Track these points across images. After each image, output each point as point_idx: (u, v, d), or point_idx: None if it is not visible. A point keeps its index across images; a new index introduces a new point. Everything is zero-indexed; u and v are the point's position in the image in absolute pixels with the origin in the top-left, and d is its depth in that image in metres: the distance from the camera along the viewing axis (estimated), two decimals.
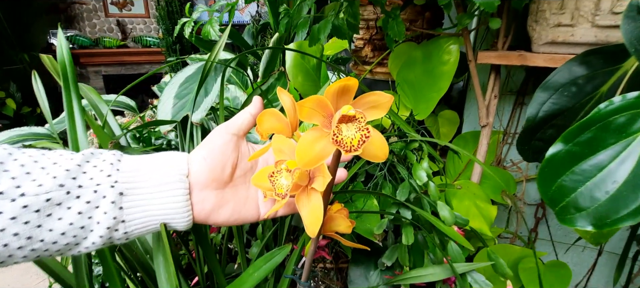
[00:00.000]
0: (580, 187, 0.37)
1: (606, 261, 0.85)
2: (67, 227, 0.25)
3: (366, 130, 0.23)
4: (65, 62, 0.43)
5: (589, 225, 0.36)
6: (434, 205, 0.51)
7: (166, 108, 0.61)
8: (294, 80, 0.75)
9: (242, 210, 0.33)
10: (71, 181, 0.26)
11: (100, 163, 0.28)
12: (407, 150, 0.54)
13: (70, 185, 0.25)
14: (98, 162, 0.28)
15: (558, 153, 0.38)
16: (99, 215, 0.26)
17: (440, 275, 0.49)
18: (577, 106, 0.49)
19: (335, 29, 0.63)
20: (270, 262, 0.36)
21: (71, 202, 0.25)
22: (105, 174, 0.27)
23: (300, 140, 0.24)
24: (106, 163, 0.28)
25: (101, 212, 0.26)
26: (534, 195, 0.84)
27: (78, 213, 0.25)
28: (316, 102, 0.23)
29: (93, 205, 0.26)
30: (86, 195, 0.26)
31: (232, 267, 0.76)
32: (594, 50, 0.47)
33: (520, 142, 0.56)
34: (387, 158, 0.38)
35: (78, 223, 0.26)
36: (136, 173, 0.28)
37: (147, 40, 3.56)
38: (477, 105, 0.82)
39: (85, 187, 0.26)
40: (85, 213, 0.26)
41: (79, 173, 0.26)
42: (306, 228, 0.26)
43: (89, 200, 0.26)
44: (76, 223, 0.25)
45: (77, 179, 0.26)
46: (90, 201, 0.26)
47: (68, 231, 0.25)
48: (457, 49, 0.67)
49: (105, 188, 0.26)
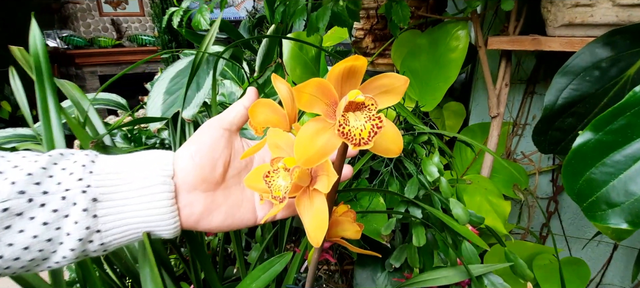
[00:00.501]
0: (612, 180, 0.34)
1: (621, 255, 0.81)
2: (30, 240, 0.22)
3: (378, 119, 0.19)
4: (39, 54, 0.39)
5: (623, 222, 0.33)
6: (445, 202, 0.47)
7: (156, 104, 0.57)
8: (292, 73, 0.71)
9: (237, 214, 0.29)
10: (34, 187, 0.22)
11: (71, 166, 0.24)
12: (416, 144, 0.50)
13: (33, 191, 0.22)
14: (68, 164, 0.24)
15: (587, 143, 0.34)
16: (68, 226, 0.23)
17: (454, 277, 0.45)
18: (600, 92, 0.45)
19: (335, 16, 0.59)
20: (269, 272, 0.32)
21: (34, 211, 0.22)
22: (76, 178, 0.23)
23: (299, 133, 0.20)
24: (77, 166, 0.24)
25: (71, 222, 0.23)
26: (546, 189, 0.81)
27: (43, 224, 0.22)
28: (317, 87, 0.19)
29: (61, 214, 0.22)
30: (52, 203, 0.22)
31: (231, 270, 0.72)
32: (619, 29, 0.43)
33: (537, 133, 0.52)
34: None
35: (44, 236, 0.22)
36: (113, 176, 0.25)
37: (143, 38, 3.51)
38: (485, 96, 0.78)
39: (51, 193, 0.22)
40: (52, 223, 0.22)
41: (44, 178, 0.23)
42: (309, 236, 0.23)
43: (56, 209, 0.22)
44: (41, 236, 0.22)
45: (42, 184, 0.22)
46: (57, 209, 0.22)
47: (32, 245, 0.22)
48: (466, 34, 0.63)
49: (75, 194, 0.23)
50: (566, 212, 0.81)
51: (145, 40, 3.51)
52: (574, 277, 0.60)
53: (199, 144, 0.27)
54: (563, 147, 0.52)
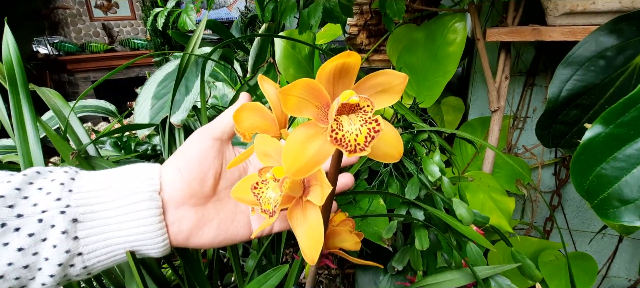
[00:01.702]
0: (625, 175, 0.32)
1: (627, 247, 0.80)
2: (5, 268, 0.20)
3: (375, 122, 0.17)
4: (12, 61, 0.36)
5: (637, 220, 0.31)
6: (448, 202, 0.45)
7: (144, 110, 0.54)
8: (285, 73, 0.69)
9: (230, 228, 0.27)
10: (7, 210, 0.20)
11: (48, 185, 0.22)
12: (415, 142, 0.48)
13: (6, 215, 0.20)
14: (45, 183, 0.22)
15: (596, 137, 0.33)
16: (47, 250, 0.21)
17: (459, 280, 0.43)
18: (606, 82, 0.44)
19: (327, 12, 0.57)
20: (263, 286, 0.30)
21: (8, 236, 0.20)
22: (54, 198, 0.21)
23: (287, 140, 0.18)
24: (55, 184, 0.22)
25: (49, 246, 0.21)
26: (548, 182, 0.79)
27: (18, 249, 0.20)
28: (306, 88, 0.17)
29: (38, 238, 0.21)
30: (28, 227, 0.21)
31: (229, 278, 0.70)
32: (625, 16, 0.41)
33: (540, 126, 0.50)
34: None
35: (20, 263, 0.20)
36: (95, 193, 0.23)
37: (135, 42, 3.46)
38: (484, 89, 0.76)
39: (26, 216, 0.21)
40: (28, 249, 0.20)
41: (18, 199, 0.21)
42: (303, 253, 0.20)
43: (32, 233, 0.21)
44: (17, 263, 0.20)
45: (16, 207, 0.21)
46: (33, 233, 0.21)
47: (7, 273, 0.20)
48: (464, 27, 0.61)
49: (53, 215, 0.21)
50: (570, 205, 0.79)
51: (137, 44, 3.47)
52: (581, 273, 0.58)
53: (186, 156, 0.26)
54: (567, 140, 0.50)
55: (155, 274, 0.40)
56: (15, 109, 0.35)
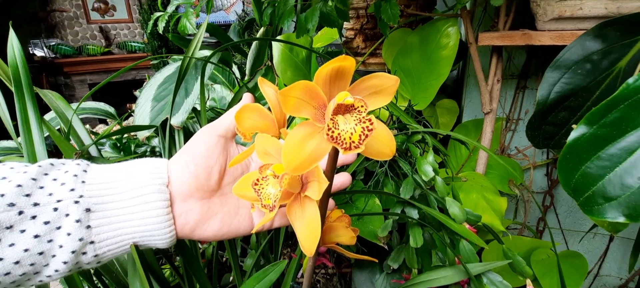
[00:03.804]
0: (608, 173, 0.33)
1: (618, 246, 0.82)
2: (21, 254, 0.21)
3: (368, 121, 0.18)
4: (18, 64, 0.37)
5: (620, 216, 0.32)
6: (441, 201, 0.47)
7: (144, 112, 0.55)
8: (282, 76, 0.70)
9: (233, 222, 0.28)
10: (24, 199, 0.21)
11: (62, 176, 0.23)
12: (409, 143, 0.50)
13: (23, 203, 0.21)
14: (59, 174, 0.23)
15: (581, 137, 0.34)
16: (61, 238, 0.22)
17: (453, 277, 0.45)
18: (592, 85, 0.45)
19: (324, 16, 0.58)
20: (263, 282, 0.31)
21: (25, 223, 0.21)
22: (68, 188, 0.22)
23: (286, 139, 0.19)
24: (69, 176, 0.23)
25: (64, 234, 0.22)
26: (541, 183, 0.81)
27: (35, 236, 0.21)
28: (304, 90, 0.18)
29: (53, 226, 0.22)
30: (44, 215, 0.21)
31: (227, 278, 0.71)
32: (610, 21, 0.43)
33: (530, 128, 0.52)
34: None
35: (35, 249, 0.21)
36: (106, 185, 0.24)
37: (132, 45, 3.46)
38: (477, 92, 0.78)
39: (42, 205, 0.22)
40: (43, 236, 0.21)
41: (35, 189, 0.22)
42: (301, 245, 0.22)
43: (47, 221, 0.22)
44: (33, 249, 0.21)
45: (33, 196, 0.22)
46: (49, 221, 0.22)
47: (23, 259, 0.21)
48: (457, 31, 0.63)
49: (67, 204, 0.22)
50: (562, 205, 0.81)
51: (134, 46, 3.47)
52: (573, 271, 0.60)
53: (193, 152, 0.27)
54: (557, 141, 0.52)
55: (156, 273, 0.41)
56: (21, 111, 0.36)
